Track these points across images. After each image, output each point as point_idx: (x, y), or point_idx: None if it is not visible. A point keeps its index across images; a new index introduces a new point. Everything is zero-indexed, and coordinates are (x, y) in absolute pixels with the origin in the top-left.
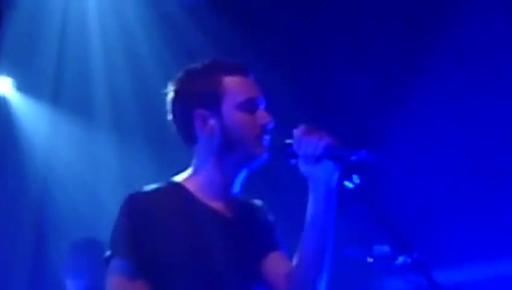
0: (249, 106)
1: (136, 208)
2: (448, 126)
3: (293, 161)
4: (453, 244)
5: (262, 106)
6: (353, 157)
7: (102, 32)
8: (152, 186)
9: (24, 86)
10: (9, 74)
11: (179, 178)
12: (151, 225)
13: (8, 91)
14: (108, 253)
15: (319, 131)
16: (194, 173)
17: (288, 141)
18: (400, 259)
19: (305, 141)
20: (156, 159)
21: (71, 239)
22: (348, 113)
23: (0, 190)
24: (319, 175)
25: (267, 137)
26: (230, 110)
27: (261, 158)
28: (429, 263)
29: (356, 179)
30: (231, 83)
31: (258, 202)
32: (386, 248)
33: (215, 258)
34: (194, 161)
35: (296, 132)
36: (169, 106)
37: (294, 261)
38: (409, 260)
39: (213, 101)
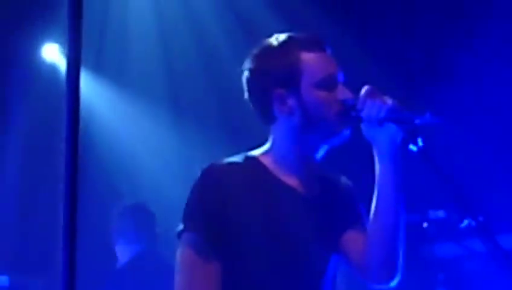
0: (328, 83)
1: (210, 181)
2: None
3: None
4: None
5: (340, 80)
6: (417, 121)
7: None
8: (228, 160)
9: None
10: (57, 41)
11: (255, 152)
12: (225, 199)
13: (56, 58)
14: (180, 226)
15: (383, 94)
16: (271, 149)
17: (350, 101)
18: (465, 222)
19: (369, 103)
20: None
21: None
22: (404, 77)
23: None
24: (383, 138)
25: (348, 113)
26: (309, 89)
27: (342, 135)
28: (494, 228)
29: (420, 142)
30: (309, 60)
31: (338, 175)
32: (441, 213)
33: (290, 236)
34: (271, 138)
35: (360, 94)
36: (245, 85)
37: (369, 230)
38: (474, 223)
39: (291, 80)
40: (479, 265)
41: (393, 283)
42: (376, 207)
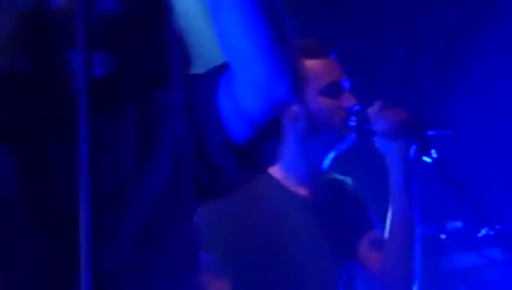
0: (332, 90)
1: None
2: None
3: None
4: None
5: (346, 88)
6: (430, 132)
7: None
8: None
9: None
10: None
11: None
12: (234, 217)
13: None
14: None
15: (395, 107)
16: (279, 159)
17: (356, 108)
18: (483, 231)
19: (382, 117)
20: None
21: None
22: (413, 90)
23: None
24: (397, 151)
25: (353, 118)
26: (313, 96)
27: (348, 140)
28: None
29: (434, 153)
30: (313, 66)
31: (347, 180)
32: (458, 224)
33: (302, 247)
34: None
35: (372, 109)
36: None
37: (386, 243)
38: (492, 232)
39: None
40: (500, 274)
41: None
42: (392, 220)
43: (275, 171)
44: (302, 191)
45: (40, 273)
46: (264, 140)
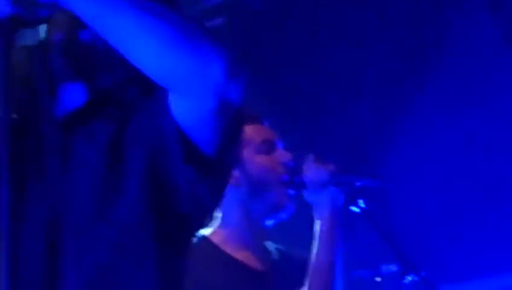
0: (266, 147)
1: None
2: (450, 146)
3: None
4: (459, 261)
5: (280, 147)
6: (358, 183)
7: None
8: None
9: None
10: None
11: (206, 231)
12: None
13: None
14: None
15: (325, 160)
16: (221, 225)
17: (291, 163)
18: (408, 278)
19: (312, 168)
20: None
21: None
22: (347, 137)
23: None
24: (325, 200)
25: (291, 190)
26: (250, 156)
27: (288, 210)
28: (437, 281)
29: (361, 203)
30: (247, 131)
31: (290, 250)
32: (393, 267)
33: None
34: (220, 213)
35: (305, 162)
36: None
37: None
38: (417, 278)
39: None
40: None
41: None
42: (313, 267)
43: (218, 238)
44: (245, 256)
45: None
46: (229, 144)
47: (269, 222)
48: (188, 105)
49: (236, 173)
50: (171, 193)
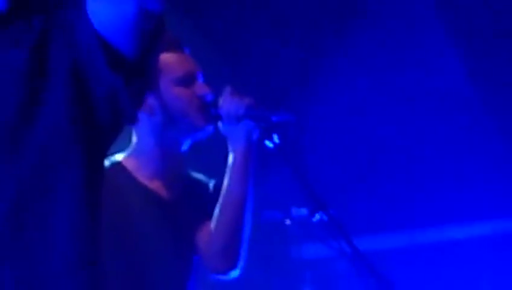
0: (186, 80)
1: None
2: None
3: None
4: (373, 213)
5: (200, 79)
6: (274, 118)
7: None
8: None
9: None
10: None
11: (120, 156)
12: None
13: None
14: None
15: (242, 93)
16: (135, 151)
17: (209, 96)
18: (317, 216)
19: (228, 101)
20: None
21: None
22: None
23: None
24: (239, 133)
25: (209, 109)
26: (167, 87)
27: (206, 130)
28: (347, 226)
29: (276, 138)
30: (166, 59)
31: (203, 178)
32: (304, 211)
33: (150, 242)
34: (135, 139)
35: (222, 94)
36: None
37: (215, 219)
38: (326, 217)
39: None
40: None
41: (234, 274)
42: (225, 199)
43: (131, 164)
44: (155, 184)
45: None
46: (150, 50)
47: (186, 144)
48: (108, 10)
49: (151, 101)
50: (93, 101)
